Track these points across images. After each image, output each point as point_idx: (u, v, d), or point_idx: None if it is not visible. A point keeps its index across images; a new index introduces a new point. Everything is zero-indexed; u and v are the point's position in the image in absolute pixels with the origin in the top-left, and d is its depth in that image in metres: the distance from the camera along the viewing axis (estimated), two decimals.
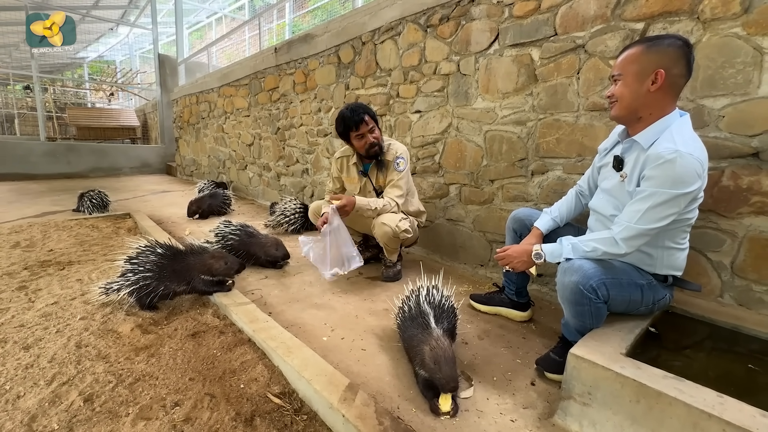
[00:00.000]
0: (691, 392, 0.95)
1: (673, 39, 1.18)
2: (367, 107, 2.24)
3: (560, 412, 1.18)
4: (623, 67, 1.24)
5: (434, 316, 1.38)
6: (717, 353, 1.30)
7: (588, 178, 1.60)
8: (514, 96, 2.17)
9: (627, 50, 1.25)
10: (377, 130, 2.25)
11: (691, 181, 1.12)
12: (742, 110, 1.43)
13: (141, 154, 8.82)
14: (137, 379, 1.38)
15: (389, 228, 2.15)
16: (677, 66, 1.17)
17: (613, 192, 1.36)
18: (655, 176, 1.15)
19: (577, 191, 1.65)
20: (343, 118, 2.19)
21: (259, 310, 1.79)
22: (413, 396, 1.30)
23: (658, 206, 1.15)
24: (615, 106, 1.28)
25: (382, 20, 2.90)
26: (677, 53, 1.16)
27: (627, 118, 1.29)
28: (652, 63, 1.18)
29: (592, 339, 1.21)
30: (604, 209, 1.39)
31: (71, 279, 2.29)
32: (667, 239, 1.28)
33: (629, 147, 1.31)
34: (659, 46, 1.18)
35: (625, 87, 1.23)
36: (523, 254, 1.43)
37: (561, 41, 1.93)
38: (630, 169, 1.28)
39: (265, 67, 4.53)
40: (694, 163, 1.11)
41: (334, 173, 2.51)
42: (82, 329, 1.71)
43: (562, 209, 1.63)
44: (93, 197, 4.16)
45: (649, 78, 1.18)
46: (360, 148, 2.24)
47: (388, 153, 2.29)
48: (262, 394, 1.31)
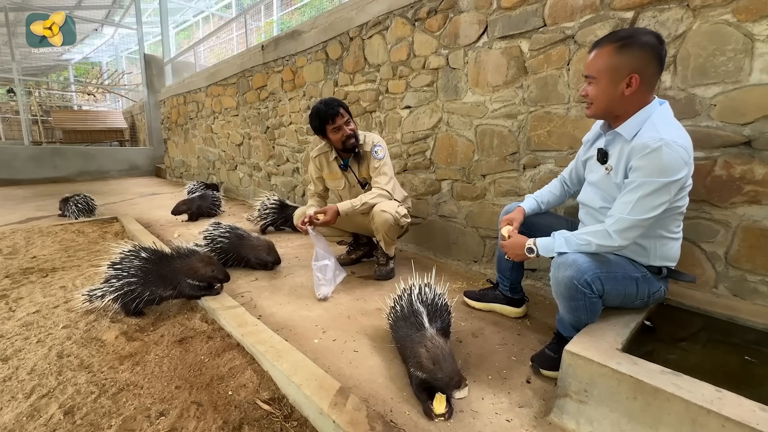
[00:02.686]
0: (689, 387, 0.92)
1: (644, 37, 1.15)
2: (340, 100, 2.21)
3: (556, 410, 1.15)
4: (595, 70, 1.21)
5: (427, 314, 1.35)
6: (713, 345, 1.29)
7: (572, 169, 1.61)
8: (504, 89, 2.14)
9: (597, 49, 1.21)
10: (352, 122, 2.22)
11: (679, 169, 1.11)
12: (733, 98, 1.42)
13: (129, 157, 8.68)
14: (121, 389, 1.33)
15: (389, 215, 2.10)
16: (650, 66, 1.16)
17: (600, 185, 1.35)
18: (642, 166, 1.14)
19: (560, 180, 1.66)
20: (318, 111, 2.15)
21: (248, 314, 1.75)
22: (407, 398, 1.27)
23: (649, 195, 1.14)
24: (591, 108, 1.27)
25: (370, 15, 2.85)
26: (650, 54, 1.15)
27: (604, 117, 1.29)
28: (625, 67, 1.16)
29: (588, 335, 1.19)
30: (593, 202, 1.38)
31: (54, 286, 2.23)
32: (660, 229, 1.26)
33: (612, 139, 1.29)
34: (631, 47, 1.15)
35: (600, 90, 1.22)
36: (516, 247, 1.40)
37: (550, 32, 1.90)
38: (615, 161, 1.27)
39: (253, 65, 4.45)
40: (679, 151, 1.10)
41: (314, 174, 2.45)
42: (65, 338, 1.66)
43: (545, 193, 1.65)
44: (78, 201, 4.06)
45: (623, 82, 1.17)
46: (337, 141, 2.19)
47: (365, 144, 2.26)
48: (251, 400, 1.27)
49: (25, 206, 4.85)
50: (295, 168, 4.14)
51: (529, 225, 1.61)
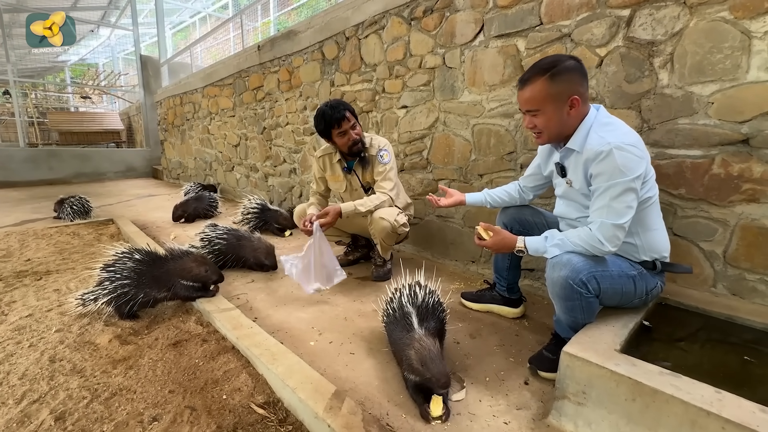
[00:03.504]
0: (688, 389, 0.91)
1: (567, 62, 1.23)
2: (347, 103, 2.17)
3: (555, 413, 1.14)
4: (536, 103, 1.27)
5: (417, 315, 1.33)
6: (711, 345, 1.27)
7: (528, 176, 1.66)
8: (501, 88, 2.13)
9: (529, 84, 1.27)
10: (358, 126, 2.18)
11: (635, 165, 1.15)
12: (731, 96, 1.41)
13: (126, 158, 8.64)
14: (114, 394, 1.31)
15: (388, 223, 2.08)
16: (582, 84, 1.25)
17: (569, 197, 1.40)
18: (601, 171, 1.18)
19: (517, 184, 1.72)
20: (324, 115, 2.11)
21: (243, 316, 1.73)
22: (403, 401, 1.25)
23: (619, 197, 1.17)
24: (542, 137, 1.34)
25: (366, 14, 2.83)
26: (578, 74, 1.23)
27: (558, 140, 1.36)
28: (563, 93, 1.23)
29: (585, 335, 1.17)
30: (569, 214, 1.42)
31: (48, 289, 2.20)
32: (639, 224, 1.27)
33: (566, 154, 1.35)
34: (561, 75, 1.22)
35: (548, 119, 1.28)
36: (503, 247, 1.38)
37: (547, 30, 1.89)
38: (572, 173, 1.33)
39: (249, 66, 4.43)
40: (630, 149, 1.15)
41: (317, 173, 2.43)
42: (57, 342, 1.64)
43: (499, 192, 1.75)
44: (74, 203, 4.03)
45: (566, 105, 1.24)
46: (342, 145, 2.17)
47: (370, 148, 2.23)
48: (246, 404, 1.25)
49: (20, 208, 4.81)
50: (292, 169, 4.12)
51: (523, 222, 1.64)
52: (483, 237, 1.41)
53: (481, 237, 1.42)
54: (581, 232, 1.23)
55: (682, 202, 1.56)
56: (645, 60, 1.60)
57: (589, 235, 1.21)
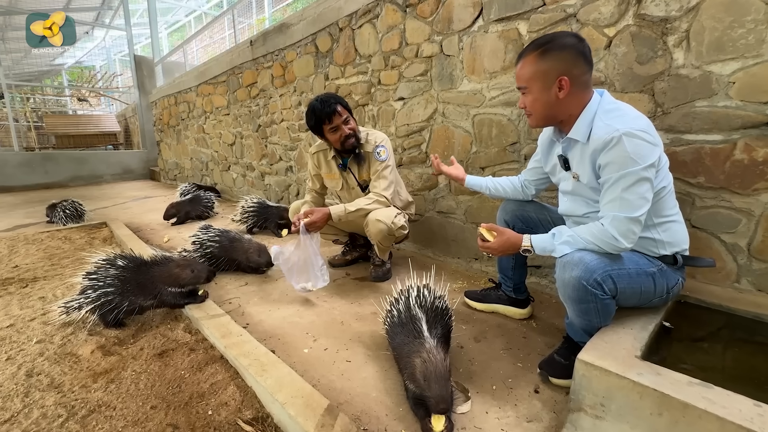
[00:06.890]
0: (723, 402, 0.80)
1: (563, 39, 1.14)
2: (339, 97, 2.05)
3: (569, 426, 1.03)
4: (525, 80, 1.20)
5: (427, 321, 1.23)
6: (737, 345, 1.17)
7: (530, 169, 1.56)
8: (502, 75, 2.01)
9: (522, 59, 1.20)
10: (352, 120, 2.06)
11: (648, 152, 1.05)
12: (754, 74, 1.29)
13: (122, 160, 8.56)
14: (91, 411, 1.22)
15: (384, 225, 1.97)
16: (577, 65, 1.13)
17: (576, 192, 1.28)
18: (611, 161, 1.08)
19: (520, 179, 1.61)
20: (314, 110, 2.00)
21: (233, 323, 1.63)
22: (403, 414, 1.15)
23: (631, 187, 1.06)
24: (532, 118, 1.25)
25: (359, 3, 2.71)
26: (572, 54, 1.13)
27: (549, 123, 1.27)
28: (551, 72, 1.14)
29: (602, 340, 1.07)
30: (576, 210, 1.30)
31: (33, 297, 2.11)
32: (655, 215, 1.16)
33: (568, 145, 1.25)
34: (552, 51, 1.13)
35: (534, 100, 1.20)
36: (508, 249, 1.26)
37: (550, 11, 1.77)
38: (578, 166, 1.22)
39: (242, 62, 4.32)
40: (641, 135, 1.05)
41: (312, 170, 2.32)
42: (37, 354, 1.54)
43: (502, 181, 1.65)
44: (66, 207, 3.94)
45: (554, 86, 1.15)
46: (335, 142, 2.06)
47: (366, 144, 2.11)
48: (232, 421, 1.16)
49: (14, 213, 4.73)
50: (289, 166, 4.02)
51: (527, 219, 1.54)
52: (486, 238, 1.29)
53: (484, 239, 1.30)
54: (593, 228, 1.12)
55: (701, 192, 1.45)
56: (658, 38, 1.48)
57: (601, 231, 1.10)
